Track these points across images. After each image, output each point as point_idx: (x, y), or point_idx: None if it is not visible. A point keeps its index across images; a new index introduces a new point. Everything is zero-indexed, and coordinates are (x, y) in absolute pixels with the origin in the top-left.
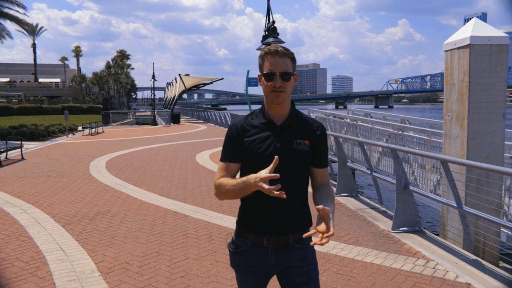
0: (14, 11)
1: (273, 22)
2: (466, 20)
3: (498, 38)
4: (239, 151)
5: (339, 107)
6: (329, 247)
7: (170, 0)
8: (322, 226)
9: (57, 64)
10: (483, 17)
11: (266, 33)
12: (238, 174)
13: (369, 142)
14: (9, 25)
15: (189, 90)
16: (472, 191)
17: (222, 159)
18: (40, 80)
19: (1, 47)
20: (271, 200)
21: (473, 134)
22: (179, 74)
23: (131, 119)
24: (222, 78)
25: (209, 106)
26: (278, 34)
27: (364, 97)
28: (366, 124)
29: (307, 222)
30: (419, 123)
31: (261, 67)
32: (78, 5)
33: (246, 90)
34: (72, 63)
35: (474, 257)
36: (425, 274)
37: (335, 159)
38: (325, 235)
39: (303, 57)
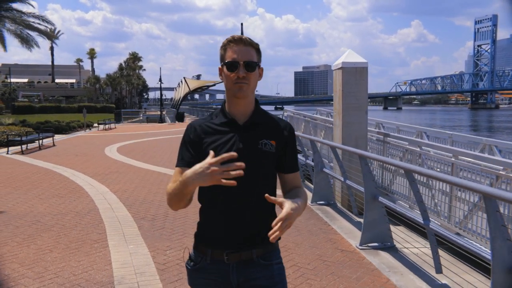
0: (44, 26)
1: None
2: (477, 22)
3: (360, 63)
4: (197, 155)
5: None
6: None
7: (183, 1)
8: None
9: (72, 65)
10: (494, 19)
11: None
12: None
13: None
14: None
15: (194, 92)
16: (345, 161)
17: (177, 164)
18: (57, 80)
19: (18, 48)
20: (233, 207)
21: (346, 124)
22: (184, 77)
23: (141, 118)
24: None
25: (220, 106)
26: None
27: (374, 99)
28: (314, 121)
29: None
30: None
31: (222, 58)
32: (91, 6)
33: None
34: (86, 64)
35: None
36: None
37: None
38: (277, 219)
39: (316, 58)
